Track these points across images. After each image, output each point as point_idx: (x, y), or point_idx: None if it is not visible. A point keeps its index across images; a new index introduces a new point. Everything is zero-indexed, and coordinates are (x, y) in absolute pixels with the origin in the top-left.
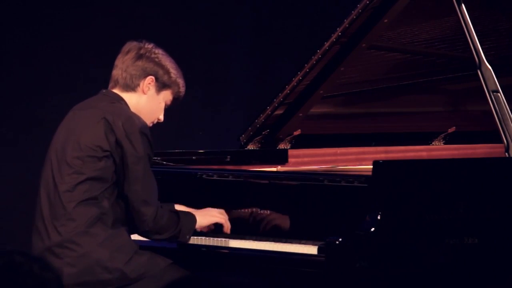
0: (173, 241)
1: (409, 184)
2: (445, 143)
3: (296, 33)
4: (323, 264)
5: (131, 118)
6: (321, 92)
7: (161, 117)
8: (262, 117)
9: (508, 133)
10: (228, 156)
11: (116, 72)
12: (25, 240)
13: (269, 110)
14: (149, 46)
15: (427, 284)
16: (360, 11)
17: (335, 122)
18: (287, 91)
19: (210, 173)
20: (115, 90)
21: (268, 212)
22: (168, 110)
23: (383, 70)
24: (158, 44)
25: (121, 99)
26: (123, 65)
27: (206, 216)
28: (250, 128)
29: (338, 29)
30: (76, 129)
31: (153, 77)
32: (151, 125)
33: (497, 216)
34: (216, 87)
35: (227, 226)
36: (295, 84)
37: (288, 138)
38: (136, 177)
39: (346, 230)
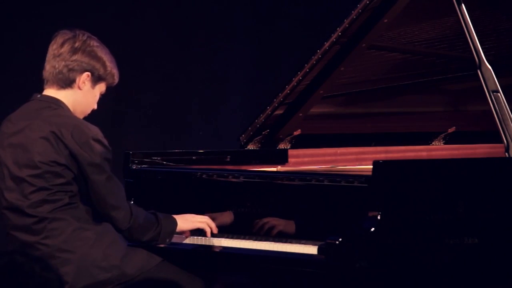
0: (153, 244)
1: (409, 184)
2: (445, 143)
3: (296, 33)
4: (323, 264)
5: (79, 127)
6: (321, 92)
7: (96, 106)
8: (262, 117)
9: (508, 133)
10: (228, 156)
11: (51, 67)
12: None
13: (269, 110)
14: (84, 37)
15: (427, 284)
16: (360, 11)
17: (335, 122)
18: (287, 91)
19: (210, 173)
20: (51, 90)
21: (268, 212)
22: (168, 110)
23: (383, 70)
24: (159, 44)
25: (59, 103)
26: (58, 59)
27: (188, 221)
28: (250, 128)
29: (338, 29)
30: (26, 145)
31: (89, 73)
32: (86, 115)
33: (497, 216)
34: (216, 87)
35: (213, 228)
36: (295, 84)
37: (288, 138)
38: (99, 185)
39: (346, 230)
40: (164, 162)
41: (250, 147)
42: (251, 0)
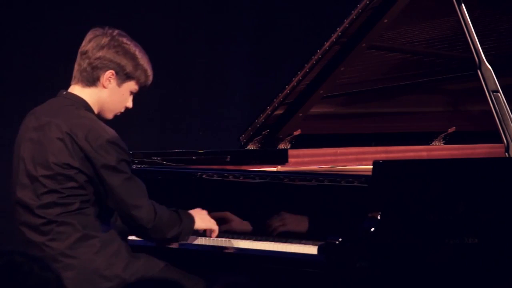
0: (173, 242)
1: (409, 184)
2: (445, 143)
3: (296, 33)
4: (323, 264)
5: (94, 129)
6: (321, 92)
7: (129, 105)
8: (262, 117)
9: (508, 133)
10: (228, 156)
11: (77, 65)
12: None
13: (269, 110)
14: (113, 33)
15: (427, 284)
16: (360, 11)
17: (335, 122)
18: (287, 91)
19: (210, 173)
20: (76, 87)
21: (268, 212)
22: (168, 110)
23: (383, 70)
24: (159, 44)
25: (83, 102)
26: (84, 56)
27: (204, 220)
28: (250, 128)
29: (338, 29)
30: (43, 143)
31: (112, 71)
32: (119, 114)
33: (497, 216)
34: (216, 87)
35: (215, 233)
36: (295, 84)
37: (288, 138)
38: (115, 187)
39: (346, 230)
40: (164, 162)
41: (250, 147)
42: (251, 0)
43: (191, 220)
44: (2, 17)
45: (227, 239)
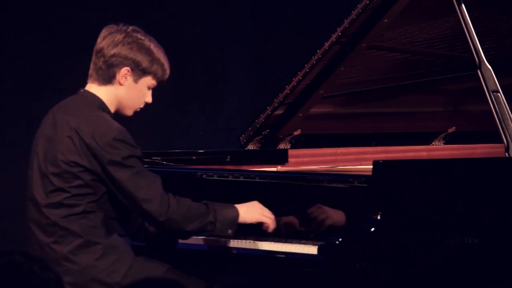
0: (206, 234)
1: (409, 184)
2: (445, 143)
3: (296, 33)
4: (323, 264)
5: (101, 127)
6: (321, 92)
7: (149, 100)
8: (262, 117)
9: (508, 133)
10: (228, 156)
11: (92, 63)
12: (25, 240)
13: (269, 110)
14: (127, 30)
15: (427, 284)
16: (360, 11)
17: (335, 122)
18: (287, 91)
19: (210, 173)
20: (93, 86)
21: None
22: (168, 110)
23: (383, 70)
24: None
25: (96, 101)
26: (99, 54)
27: (254, 213)
28: (250, 128)
29: (338, 29)
30: (54, 140)
31: (128, 68)
32: (139, 110)
33: (497, 216)
34: (216, 87)
35: (272, 228)
36: (295, 84)
37: (288, 138)
38: (123, 182)
39: (346, 230)
40: (164, 162)
41: (250, 147)
42: (251, 0)
43: (232, 212)
44: (3, 17)
45: (227, 239)
